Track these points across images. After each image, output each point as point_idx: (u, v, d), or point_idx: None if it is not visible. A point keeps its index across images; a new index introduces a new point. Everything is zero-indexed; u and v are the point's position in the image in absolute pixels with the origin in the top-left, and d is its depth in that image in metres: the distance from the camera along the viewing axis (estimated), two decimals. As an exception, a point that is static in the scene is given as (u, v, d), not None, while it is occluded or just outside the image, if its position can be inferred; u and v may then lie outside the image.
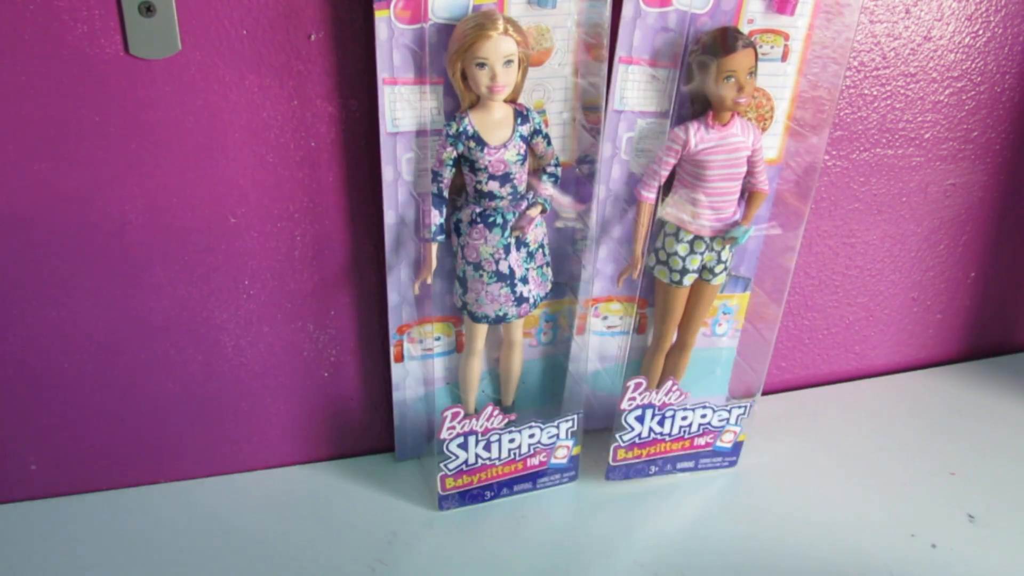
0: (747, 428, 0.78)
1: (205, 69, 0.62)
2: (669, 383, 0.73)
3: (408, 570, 0.68)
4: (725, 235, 0.70)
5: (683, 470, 0.79)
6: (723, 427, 0.77)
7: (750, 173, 0.70)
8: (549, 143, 0.66)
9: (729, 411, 0.76)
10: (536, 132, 0.65)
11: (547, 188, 0.67)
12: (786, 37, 0.67)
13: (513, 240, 0.67)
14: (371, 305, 0.75)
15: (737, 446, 0.79)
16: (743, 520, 0.74)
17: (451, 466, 0.71)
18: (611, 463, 0.76)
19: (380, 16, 0.59)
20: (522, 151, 0.65)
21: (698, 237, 0.70)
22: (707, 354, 0.80)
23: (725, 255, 0.72)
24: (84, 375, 0.71)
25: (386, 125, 0.63)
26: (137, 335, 0.71)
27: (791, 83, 0.69)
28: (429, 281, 0.69)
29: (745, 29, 0.66)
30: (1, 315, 0.67)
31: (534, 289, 0.70)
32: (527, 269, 0.69)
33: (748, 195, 0.71)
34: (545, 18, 0.63)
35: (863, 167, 0.84)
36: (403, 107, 0.63)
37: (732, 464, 0.80)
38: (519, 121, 0.64)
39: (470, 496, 0.73)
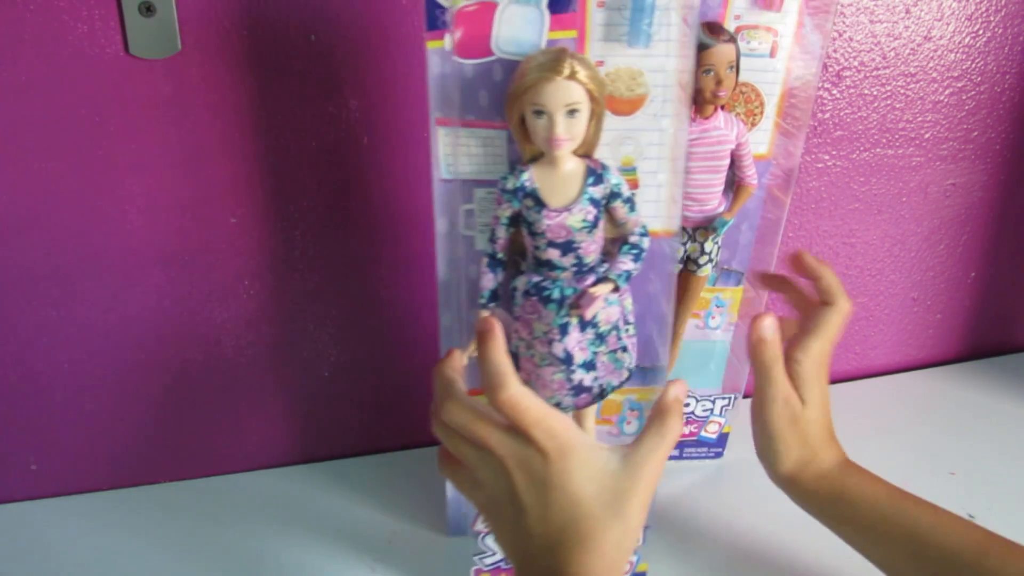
0: (732, 420, 0.78)
1: (205, 69, 0.62)
2: None
3: (408, 570, 0.68)
4: (708, 226, 0.71)
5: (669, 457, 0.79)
6: (707, 417, 0.77)
7: (736, 167, 0.70)
8: (632, 208, 0.54)
9: (713, 401, 0.77)
10: (614, 195, 0.53)
11: (626, 262, 0.55)
12: (774, 33, 0.67)
13: (575, 320, 0.55)
14: (372, 306, 0.75)
15: (722, 437, 0.79)
16: (742, 517, 0.74)
17: (487, 561, 0.64)
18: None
19: (432, 47, 0.50)
20: (591, 216, 0.53)
21: (681, 228, 0.71)
22: (701, 346, 0.80)
23: (708, 246, 0.72)
24: (84, 375, 0.71)
25: (440, 171, 0.54)
26: (137, 335, 0.71)
27: (780, 79, 0.69)
28: (474, 354, 0.57)
29: (732, 25, 0.65)
30: (1, 315, 0.67)
31: (603, 376, 0.58)
32: (594, 353, 0.57)
33: (735, 188, 0.71)
34: (638, 60, 0.52)
35: (863, 167, 0.84)
36: (460, 152, 0.54)
37: (718, 455, 0.80)
38: (590, 180, 0.52)
39: None
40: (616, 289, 0.55)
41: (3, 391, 0.70)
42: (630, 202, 0.54)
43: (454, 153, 0.54)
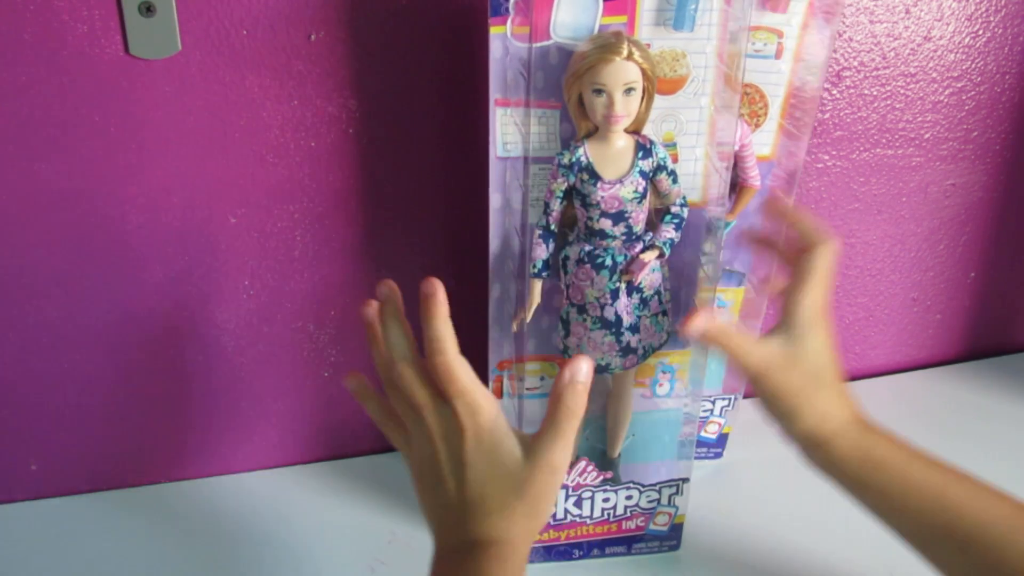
0: (732, 421, 0.78)
1: (205, 69, 0.62)
2: None
3: (408, 570, 0.68)
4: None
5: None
6: (707, 417, 0.77)
7: (739, 168, 0.69)
8: (675, 180, 0.59)
9: (713, 402, 0.76)
10: (660, 168, 0.58)
11: (668, 230, 0.60)
12: (779, 35, 0.67)
13: (623, 285, 0.60)
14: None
15: (722, 438, 0.79)
16: (742, 518, 0.74)
17: None
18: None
19: (495, 32, 0.54)
20: (640, 188, 0.57)
21: None
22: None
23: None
24: (84, 375, 0.71)
25: (496, 149, 0.57)
26: (137, 335, 0.71)
27: (784, 80, 0.69)
28: (528, 319, 0.62)
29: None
30: (1, 315, 0.67)
31: (645, 339, 0.63)
32: (639, 317, 0.62)
33: (738, 189, 0.71)
34: (682, 42, 0.56)
35: (863, 167, 0.84)
36: (514, 131, 0.57)
37: (718, 456, 0.80)
38: (640, 155, 0.57)
39: (556, 552, 0.69)
40: (662, 255, 0.60)
41: (3, 391, 0.70)
42: (673, 175, 0.59)
43: (511, 131, 0.57)
